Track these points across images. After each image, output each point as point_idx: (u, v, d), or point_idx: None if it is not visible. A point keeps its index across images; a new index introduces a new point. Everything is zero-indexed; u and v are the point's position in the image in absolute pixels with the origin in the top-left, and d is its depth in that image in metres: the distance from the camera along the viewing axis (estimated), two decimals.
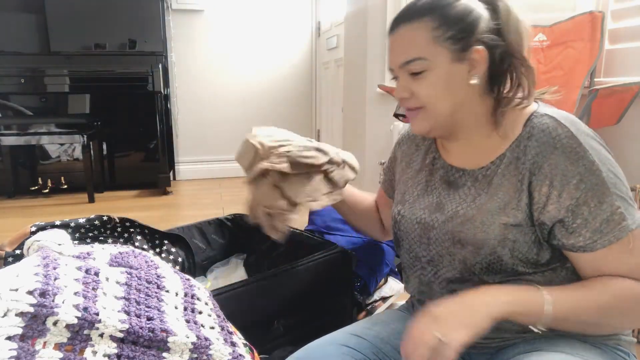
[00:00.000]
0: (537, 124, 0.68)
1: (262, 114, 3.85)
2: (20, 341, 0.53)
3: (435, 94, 0.71)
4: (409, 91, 0.72)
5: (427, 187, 0.81)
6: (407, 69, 0.71)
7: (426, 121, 0.74)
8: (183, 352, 0.63)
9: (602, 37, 1.75)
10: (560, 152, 0.65)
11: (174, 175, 3.71)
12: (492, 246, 0.68)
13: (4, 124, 2.94)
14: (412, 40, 0.70)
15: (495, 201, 0.70)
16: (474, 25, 0.68)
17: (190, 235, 1.42)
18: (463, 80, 0.70)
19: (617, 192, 0.64)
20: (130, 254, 0.75)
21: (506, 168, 0.70)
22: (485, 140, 0.74)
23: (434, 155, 0.82)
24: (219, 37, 3.65)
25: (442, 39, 0.68)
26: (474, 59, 0.69)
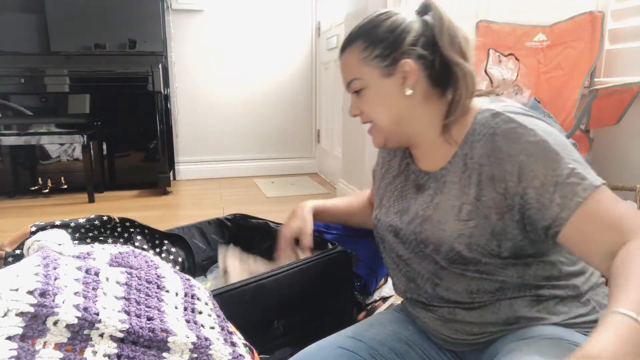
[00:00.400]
0: (479, 120, 0.71)
1: (262, 114, 3.86)
2: (21, 341, 0.53)
3: (375, 109, 0.78)
4: (357, 109, 0.81)
5: (402, 193, 0.84)
6: (350, 89, 0.80)
7: (379, 135, 0.81)
8: (183, 352, 0.63)
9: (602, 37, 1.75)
10: (501, 137, 0.67)
11: (174, 175, 3.71)
12: (449, 243, 0.70)
13: (4, 124, 2.94)
14: (348, 63, 0.80)
15: (449, 199, 0.73)
16: (400, 40, 0.74)
17: (190, 235, 1.42)
18: (398, 93, 0.75)
19: (568, 156, 0.64)
20: (130, 254, 0.75)
21: (456, 165, 0.73)
22: (443, 143, 0.77)
23: (408, 160, 0.86)
24: (219, 37, 3.65)
25: (370, 58, 0.75)
26: (405, 72, 0.74)
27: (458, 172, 0.73)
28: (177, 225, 1.42)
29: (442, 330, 0.78)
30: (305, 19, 3.80)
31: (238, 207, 2.78)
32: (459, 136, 0.74)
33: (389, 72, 0.75)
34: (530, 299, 0.71)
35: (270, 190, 3.30)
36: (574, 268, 0.74)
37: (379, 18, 0.76)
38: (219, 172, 3.82)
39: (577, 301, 0.72)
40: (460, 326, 0.75)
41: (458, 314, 0.75)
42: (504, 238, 0.69)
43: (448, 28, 0.73)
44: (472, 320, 0.74)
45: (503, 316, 0.72)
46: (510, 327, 0.72)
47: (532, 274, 0.71)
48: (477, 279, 0.72)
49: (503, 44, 2.09)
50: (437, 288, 0.76)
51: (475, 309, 0.74)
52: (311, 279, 1.11)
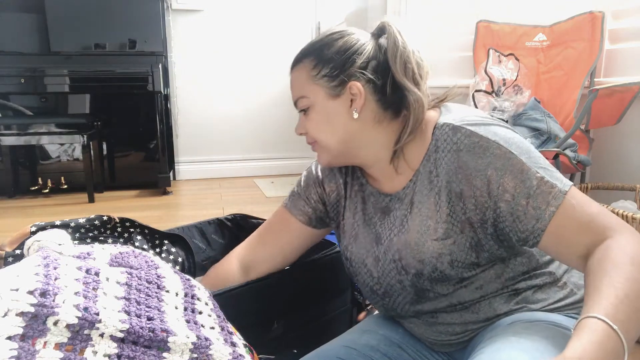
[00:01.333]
0: (440, 136, 0.70)
1: (262, 114, 3.86)
2: (21, 341, 0.53)
3: (319, 129, 0.76)
4: (304, 128, 0.78)
5: (365, 217, 0.81)
6: (298, 107, 0.79)
7: (323, 154, 0.78)
8: (183, 352, 0.63)
9: (602, 37, 1.75)
10: (465, 152, 0.66)
11: (174, 175, 3.71)
12: (432, 264, 0.70)
13: (4, 124, 2.94)
14: (296, 81, 0.78)
15: (422, 220, 0.71)
16: (350, 61, 0.72)
17: (190, 235, 1.42)
18: (345, 115, 0.73)
19: (535, 165, 0.64)
20: (130, 254, 0.75)
21: (422, 184, 0.72)
22: (400, 163, 0.75)
23: (361, 181, 0.83)
24: (219, 37, 3.65)
25: (318, 77, 0.74)
26: (352, 94, 0.72)
27: (424, 190, 0.71)
28: (177, 225, 1.42)
29: (427, 333, 0.79)
30: (305, 19, 3.80)
31: (238, 207, 2.78)
32: (419, 153, 0.72)
33: (337, 93, 0.73)
34: (508, 294, 0.72)
35: (270, 190, 3.30)
36: (548, 256, 0.74)
37: (332, 37, 0.75)
38: (219, 172, 3.82)
39: (555, 286, 0.73)
40: (443, 328, 0.76)
41: (440, 317, 0.76)
42: (481, 249, 0.69)
43: (401, 53, 0.71)
44: (453, 321, 0.75)
45: (483, 316, 0.73)
46: (491, 323, 0.73)
47: (510, 270, 0.72)
48: (457, 292, 0.72)
49: (503, 44, 2.09)
50: (417, 306, 0.77)
51: (456, 312, 0.74)
52: (311, 279, 1.11)
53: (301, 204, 0.90)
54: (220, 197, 3.18)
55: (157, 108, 3.13)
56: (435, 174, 0.70)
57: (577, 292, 0.73)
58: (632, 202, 1.52)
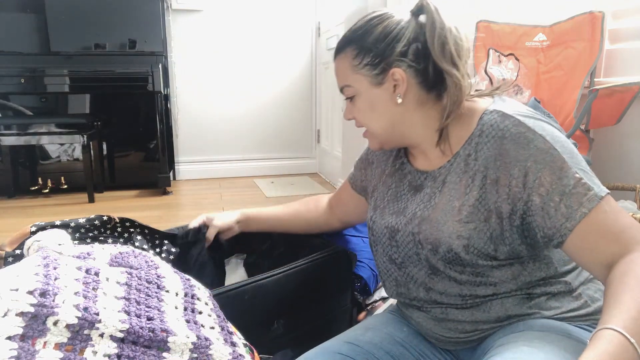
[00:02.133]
0: (486, 121, 0.70)
1: (262, 114, 3.86)
2: (21, 341, 0.53)
3: (366, 116, 0.78)
4: (350, 114, 0.81)
5: (397, 193, 0.83)
6: (343, 94, 0.80)
7: (373, 139, 0.81)
8: (183, 352, 0.63)
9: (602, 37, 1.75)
10: (509, 140, 0.67)
11: (174, 175, 3.71)
12: (448, 244, 0.70)
13: (4, 124, 2.94)
14: (340, 70, 0.79)
15: (449, 200, 0.72)
16: (390, 48, 0.72)
17: None
18: (389, 101, 0.75)
19: (575, 166, 0.64)
20: (130, 254, 0.75)
21: (458, 166, 0.72)
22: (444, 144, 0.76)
23: (403, 160, 0.85)
24: (219, 37, 3.65)
25: (360, 67, 0.74)
26: (395, 80, 0.73)
27: (459, 172, 0.72)
28: (177, 225, 1.42)
29: (435, 329, 0.78)
30: (305, 19, 3.80)
31: (238, 207, 2.78)
32: (461, 137, 0.73)
33: (379, 81, 0.74)
34: (521, 297, 0.72)
35: (270, 190, 3.30)
36: (567, 267, 0.74)
37: (371, 23, 0.74)
38: (219, 172, 3.82)
39: (569, 296, 0.72)
40: (453, 325, 0.76)
41: (450, 313, 0.75)
42: (502, 243, 0.69)
43: (439, 34, 0.71)
44: (464, 319, 0.74)
45: (494, 315, 0.72)
46: (501, 324, 0.73)
47: (528, 273, 0.71)
48: (470, 283, 0.72)
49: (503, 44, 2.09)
50: (429, 292, 0.77)
51: (467, 309, 0.74)
52: (311, 279, 1.11)
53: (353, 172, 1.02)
54: (220, 197, 3.18)
55: (157, 108, 3.13)
56: (474, 157, 0.70)
57: (591, 305, 0.72)
58: (632, 202, 1.52)
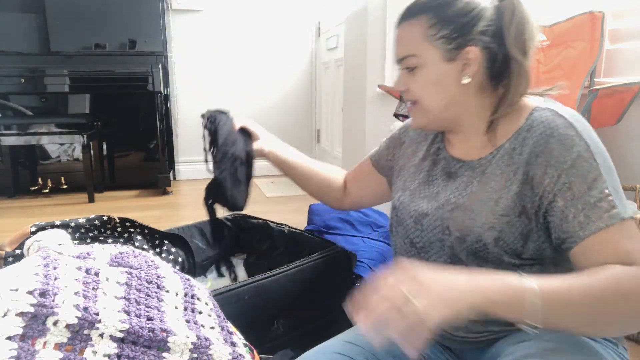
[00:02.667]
0: (537, 117, 0.69)
1: (262, 114, 3.85)
2: (20, 341, 0.53)
3: (426, 91, 0.73)
4: (405, 85, 0.75)
5: (429, 177, 0.81)
6: (403, 64, 0.74)
7: (421, 116, 0.77)
8: (183, 352, 0.63)
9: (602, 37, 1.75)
10: (556, 139, 0.66)
11: (174, 175, 3.71)
12: (478, 234, 0.69)
13: (4, 124, 2.94)
14: (408, 37, 0.73)
15: (486, 190, 0.71)
16: (471, 24, 0.69)
17: (190, 235, 1.42)
18: (455, 79, 0.72)
19: (609, 182, 0.64)
20: (130, 254, 0.75)
21: (501, 158, 0.71)
22: (484, 134, 0.75)
23: (439, 145, 0.83)
24: (219, 37, 3.65)
25: (435, 37, 0.70)
26: (467, 59, 0.70)
27: (502, 165, 0.71)
28: (177, 225, 1.42)
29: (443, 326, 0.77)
30: (305, 19, 3.79)
31: None
32: (508, 130, 0.72)
33: (452, 57, 0.70)
34: None
35: (270, 190, 3.30)
36: None
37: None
38: None
39: None
40: (463, 323, 0.74)
41: None
42: (530, 239, 0.68)
43: (517, 22, 0.69)
44: (475, 319, 0.74)
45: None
46: (512, 328, 0.71)
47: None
48: None
49: None
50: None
51: None
52: (311, 279, 1.11)
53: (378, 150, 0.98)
54: None
55: (157, 108, 3.12)
56: (519, 152, 0.69)
57: None
58: (632, 202, 1.52)
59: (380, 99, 2.41)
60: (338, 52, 3.20)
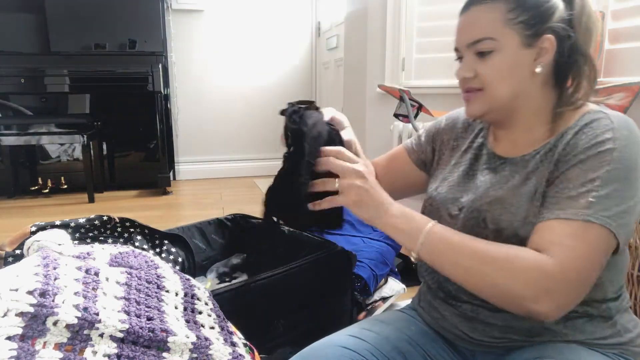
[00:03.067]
0: (587, 119, 0.69)
1: (262, 114, 3.86)
2: (20, 341, 0.53)
3: (498, 76, 0.71)
4: (473, 71, 0.72)
5: (469, 171, 0.81)
6: (475, 48, 0.71)
7: (483, 104, 0.74)
8: (183, 352, 0.63)
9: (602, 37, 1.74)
10: (587, 134, 0.66)
11: (174, 175, 3.71)
12: (515, 228, 0.68)
13: (4, 124, 2.94)
14: (484, 20, 0.70)
15: (528, 185, 0.70)
16: (548, 13, 0.69)
17: (190, 235, 1.42)
18: (528, 67, 0.70)
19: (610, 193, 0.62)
20: (130, 254, 0.75)
21: (545, 155, 0.71)
22: (535, 132, 0.74)
23: (482, 141, 0.82)
24: (219, 37, 3.65)
25: (515, 22, 0.69)
26: (543, 47, 0.69)
27: (544, 160, 0.70)
28: (177, 225, 1.42)
29: (460, 326, 0.76)
30: (305, 19, 3.80)
31: (238, 207, 2.78)
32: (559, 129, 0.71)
33: (529, 43, 0.69)
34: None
35: None
36: (614, 295, 0.72)
37: None
38: (219, 172, 3.82)
39: (605, 323, 0.71)
40: (482, 326, 0.74)
41: (481, 313, 0.74)
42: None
43: (587, 15, 0.69)
44: (495, 323, 0.73)
45: (528, 324, 0.70)
46: (531, 339, 0.71)
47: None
48: None
49: None
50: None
51: (500, 311, 0.71)
52: (311, 279, 1.11)
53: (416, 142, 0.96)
54: (220, 197, 3.18)
55: (157, 108, 3.13)
56: (562, 149, 0.69)
57: (624, 335, 0.71)
58: None
59: (380, 99, 2.41)
60: (338, 52, 3.20)
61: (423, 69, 2.34)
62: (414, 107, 1.79)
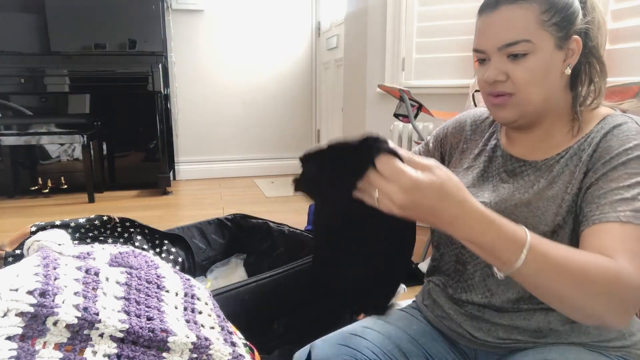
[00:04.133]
0: (610, 121, 0.69)
1: (262, 114, 3.86)
2: (20, 341, 0.53)
3: (533, 80, 0.69)
4: (504, 75, 0.70)
5: (484, 174, 0.80)
6: (508, 50, 0.69)
7: (516, 109, 0.72)
8: (183, 352, 0.63)
9: None
10: (617, 136, 0.66)
11: (174, 175, 3.71)
12: (542, 232, 0.68)
13: (4, 124, 2.94)
14: (518, 21, 0.68)
15: (554, 189, 0.69)
16: (575, 15, 0.69)
17: (190, 235, 1.42)
18: (560, 69, 0.70)
19: None
20: (130, 254, 0.75)
21: (570, 158, 0.70)
22: (555, 135, 0.74)
23: (496, 142, 0.82)
24: (219, 37, 3.65)
25: (548, 24, 0.68)
26: (571, 49, 0.69)
27: (571, 165, 0.70)
28: (177, 225, 1.42)
29: (465, 325, 0.76)
30: (305, 19, 3.80)
31: (238, 207, 2.78)
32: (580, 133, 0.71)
33: (561, 45, 0.68)
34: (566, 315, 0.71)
35: (270, 190, 3.30)
36: None
37: None
38: (219, 172, 3.82)
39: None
40: (487, 326, 0.74)
41: (486, 313, 0.74)
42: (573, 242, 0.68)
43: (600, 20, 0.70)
44: (501, 322, 0.73)
45: (534, 325, 0.70)
46: (536, 341, 0.71)
47: None
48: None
49: None
50: (487, 280, 0.74)
51: (506, 312, 0.72)
52: (311, 279, 1.11)
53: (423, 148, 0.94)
54: (220, 197, 3.18)
55: (157, 108, 3.13)
56: (588, 152, 0.68)
57: (628, 338, 0.71)
58: None
59: (380, 99, 2.41)
60: (338, 52, 3.20)
61: (423, 69, 2.34)
62: (414, 107, 1.79)
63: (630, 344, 0.71)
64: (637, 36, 1.56)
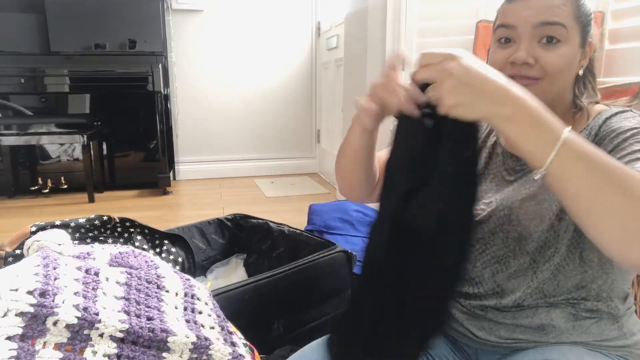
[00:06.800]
0: (605, 114, 0.70)
1: (262, 113, 3.86)
2: (20, 341, 0.53)
3: (560, 67, 0.68)
4: (534, 58, 0.68)
5: (485, 172, 0.80)
6: (544, 30, 0.67)
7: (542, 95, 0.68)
8: (183, 352, 0.63)
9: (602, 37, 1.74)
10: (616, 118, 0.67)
11: (174, 175, 3.71)
12: (549, 220, 0.69)
13: (4, 124, 2.94)
14: (562, 6, 0.67)
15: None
16: (591, 22, 0.72)
17: (190, 235, 1.42)
18: (576, 66, 0.72)
19: None
20: (130, 254, 0.75)
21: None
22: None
23: (496, 140, 0.82)
24: (219, 37, 3.65)
25: (579, 20, 0.70)
26: (586, 51, 0.72)
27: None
28: (177, 225, 1.42)
29: (466, 324, 0.76)
30: (305, 19, 3.79)
31: (238, 207, 2.78)
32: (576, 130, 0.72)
33: (583, 44, 0.71)
34: (569, 312, 0.70)
35: (270, 190, 3.30)
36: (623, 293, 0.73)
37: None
38: (219, 172, 3.82)
39: (612, 324, 0.71)
40: (489, 325, 0.74)
41: (489, 312, 0.74)
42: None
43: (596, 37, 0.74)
44: (503, 321, 0.73)
45: (537, 322, 0.71)
46: (538, 340, 0.71)
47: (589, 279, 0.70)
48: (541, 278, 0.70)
49: None
50: (496, 276, 0.74)
51: (509, 310, 0.72)
52: (311, 279, 1.11)
53: None
54: (220, 197, 3.18)
55: (157, 108, 3.13)
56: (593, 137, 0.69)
57: (629, 338, 0.72)
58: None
59: None
60: (338, 52, 3.20)
61: None
62: None
63: (630, 344, 0.71)
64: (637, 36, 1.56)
